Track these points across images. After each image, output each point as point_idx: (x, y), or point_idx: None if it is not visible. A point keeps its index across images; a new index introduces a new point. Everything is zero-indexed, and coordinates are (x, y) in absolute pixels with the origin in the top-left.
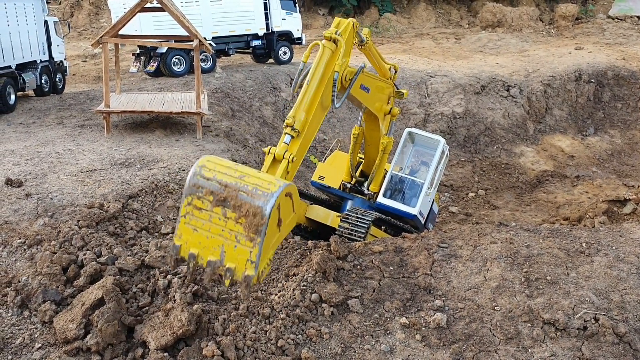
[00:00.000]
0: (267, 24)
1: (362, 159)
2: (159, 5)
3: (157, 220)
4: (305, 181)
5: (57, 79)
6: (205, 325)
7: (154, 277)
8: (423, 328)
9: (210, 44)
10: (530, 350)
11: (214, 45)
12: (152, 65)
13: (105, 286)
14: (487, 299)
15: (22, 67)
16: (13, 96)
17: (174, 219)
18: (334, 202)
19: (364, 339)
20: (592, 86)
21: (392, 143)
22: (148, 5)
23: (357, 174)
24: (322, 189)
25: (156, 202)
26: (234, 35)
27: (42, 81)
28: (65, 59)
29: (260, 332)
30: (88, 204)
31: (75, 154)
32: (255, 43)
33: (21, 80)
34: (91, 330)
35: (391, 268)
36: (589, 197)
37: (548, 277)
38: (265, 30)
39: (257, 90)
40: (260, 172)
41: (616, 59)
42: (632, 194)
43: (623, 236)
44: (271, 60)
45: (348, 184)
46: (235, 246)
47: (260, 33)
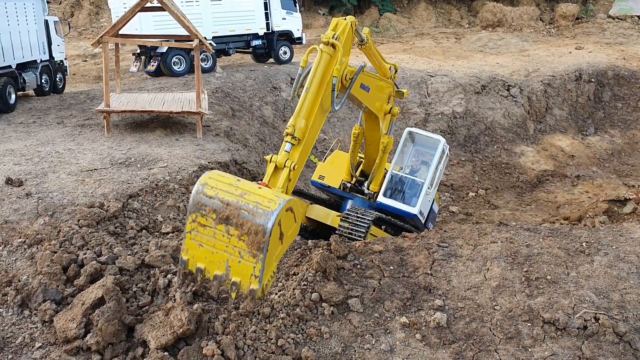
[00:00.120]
0: (267, 24)
1: (362, 159)
2: (159, 4)
3: (157, 219)
4: (306, 181)
5: (57, 79)
6: (206, 324)
7: (154, 276)
8: (423, 327)
9: (210, 43)
10: (530, 349)
11: (214, 44)
12: (153, 65)
13: (105, 285)
14: (487, 298)
15: (23, 66)
16: (13, 96)
17: (174, 218)
18: (334, 201)
19: (364, 339)
20: (592, 86)
21: (392, 142)
22: (148, 4)
23: (357, 173)
24: (322, 188)
25: (156, 201)
26: (234, 35)
27: (43, 81)
28: (65, 59)
29: (260, 331)
30: (88, 204)
31: (75, 153)
32: (255, 43)
33: (21, 80)
34: (91, 329)
35: (391, 267)
36: (589, 197)
37: (548, 277)
38: (265, 30)
39: (257, 90)
40: (261, 189)
41: (616, 58)
42: (632, 193)
43: (623, 236)
44: (271, 60)
45: (348, 184)
46: (240, 261)
47: (261, 33)
